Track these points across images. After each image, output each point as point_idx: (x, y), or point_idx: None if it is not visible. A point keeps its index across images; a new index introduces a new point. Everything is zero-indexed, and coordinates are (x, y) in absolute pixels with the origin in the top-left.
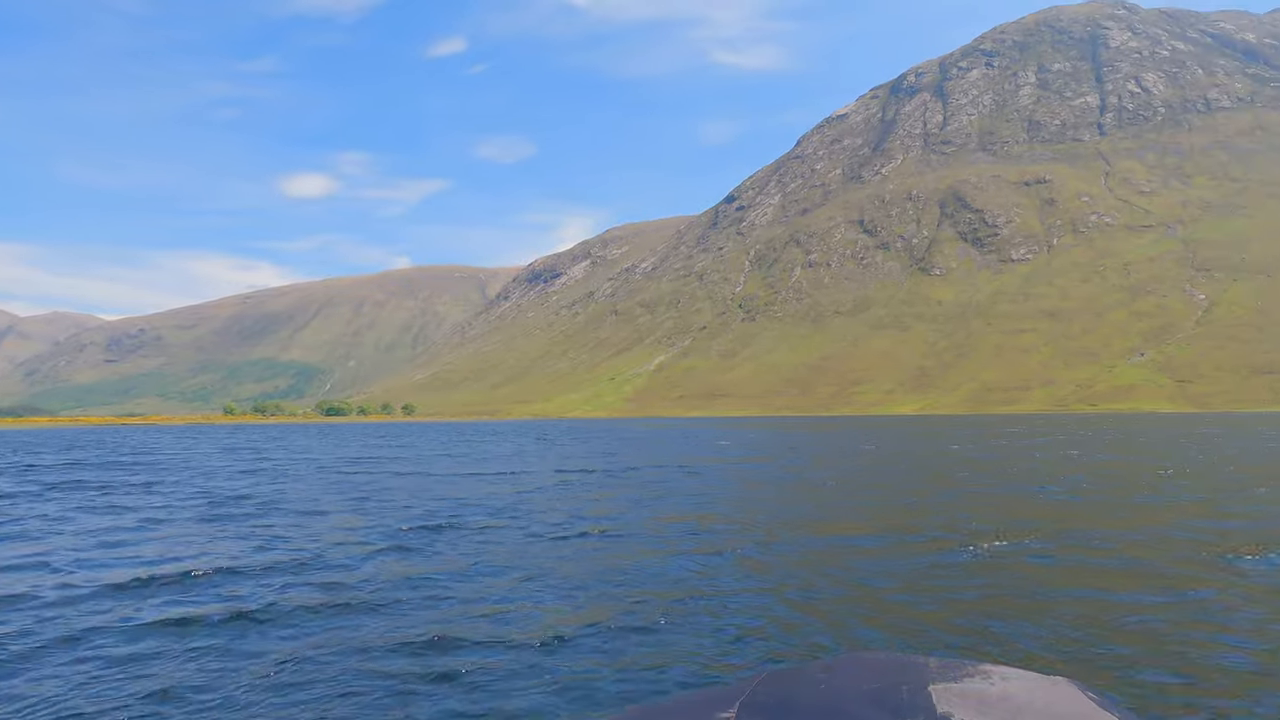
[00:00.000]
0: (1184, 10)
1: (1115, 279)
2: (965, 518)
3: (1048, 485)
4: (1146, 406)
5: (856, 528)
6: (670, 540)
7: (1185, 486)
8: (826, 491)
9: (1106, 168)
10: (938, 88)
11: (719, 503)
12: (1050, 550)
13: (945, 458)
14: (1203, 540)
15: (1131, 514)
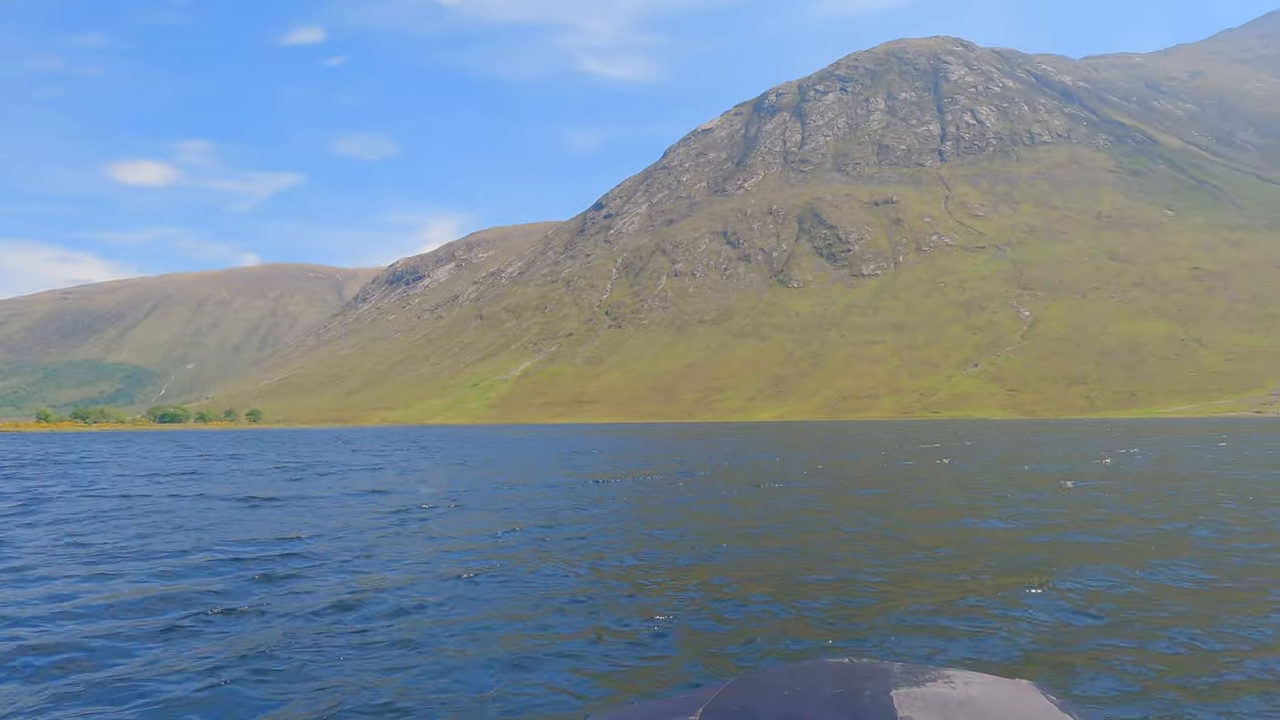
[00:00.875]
0: (1013, 51)
1: (953, 295)
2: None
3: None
4: (980, 413)
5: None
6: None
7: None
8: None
9: (946, 192)
10: (797, 108)
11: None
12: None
13: (919, 476)
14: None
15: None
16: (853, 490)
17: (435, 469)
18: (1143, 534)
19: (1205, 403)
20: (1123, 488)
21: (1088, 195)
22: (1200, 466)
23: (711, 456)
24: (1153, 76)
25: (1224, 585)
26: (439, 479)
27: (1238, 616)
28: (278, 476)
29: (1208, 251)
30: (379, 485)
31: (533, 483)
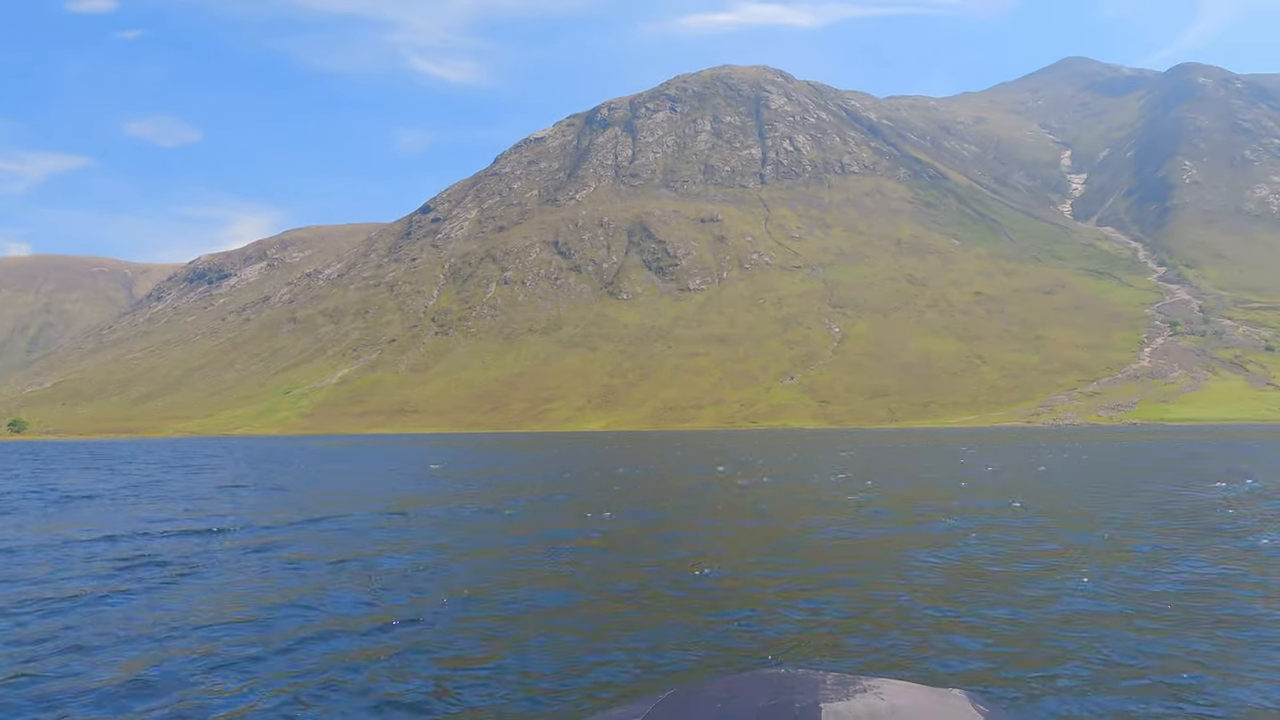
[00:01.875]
0: (825, 85)
1: (772, 311)
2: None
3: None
4: (795, 423)
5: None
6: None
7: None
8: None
9: (766, 213)
10: (628, 124)
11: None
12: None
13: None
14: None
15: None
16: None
17: (173, 497)
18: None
19: (986, 413)
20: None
21: (890, 223)
22: (1102, 473)
23: (544, 475)
24: (944, 119)
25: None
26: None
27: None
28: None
29: (987, 278)
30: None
31: (321, 514)
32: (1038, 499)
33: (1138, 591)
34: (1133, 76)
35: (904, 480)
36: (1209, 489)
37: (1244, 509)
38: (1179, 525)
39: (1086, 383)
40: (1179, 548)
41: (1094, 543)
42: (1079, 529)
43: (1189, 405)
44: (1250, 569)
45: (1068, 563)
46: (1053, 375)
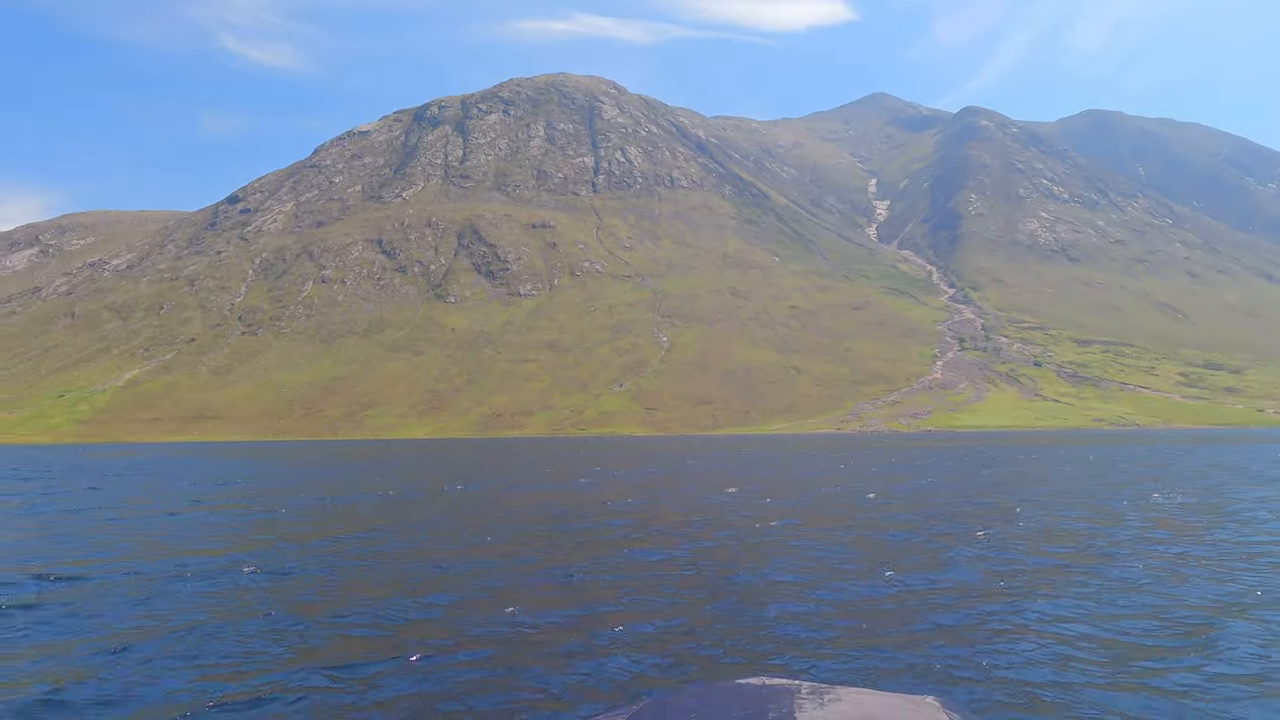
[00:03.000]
0: (657, 100)
1: (602, 319)
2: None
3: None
4: (623, 430)
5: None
6: None
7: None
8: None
9: (598, 222)
10: (459, 124)
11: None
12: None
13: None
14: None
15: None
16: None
17: None
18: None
19: (801, 420)
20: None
21: (716, 237)
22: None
23: (347, 498)
24: (766, 142)
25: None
26: None
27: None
28: None
29: (803, 294)
30: None
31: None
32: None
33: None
34: (929, 115)
35: (806, 495)
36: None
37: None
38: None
39: (889, 392)
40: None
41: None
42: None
43: (974, 413)
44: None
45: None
46: (860, 385)
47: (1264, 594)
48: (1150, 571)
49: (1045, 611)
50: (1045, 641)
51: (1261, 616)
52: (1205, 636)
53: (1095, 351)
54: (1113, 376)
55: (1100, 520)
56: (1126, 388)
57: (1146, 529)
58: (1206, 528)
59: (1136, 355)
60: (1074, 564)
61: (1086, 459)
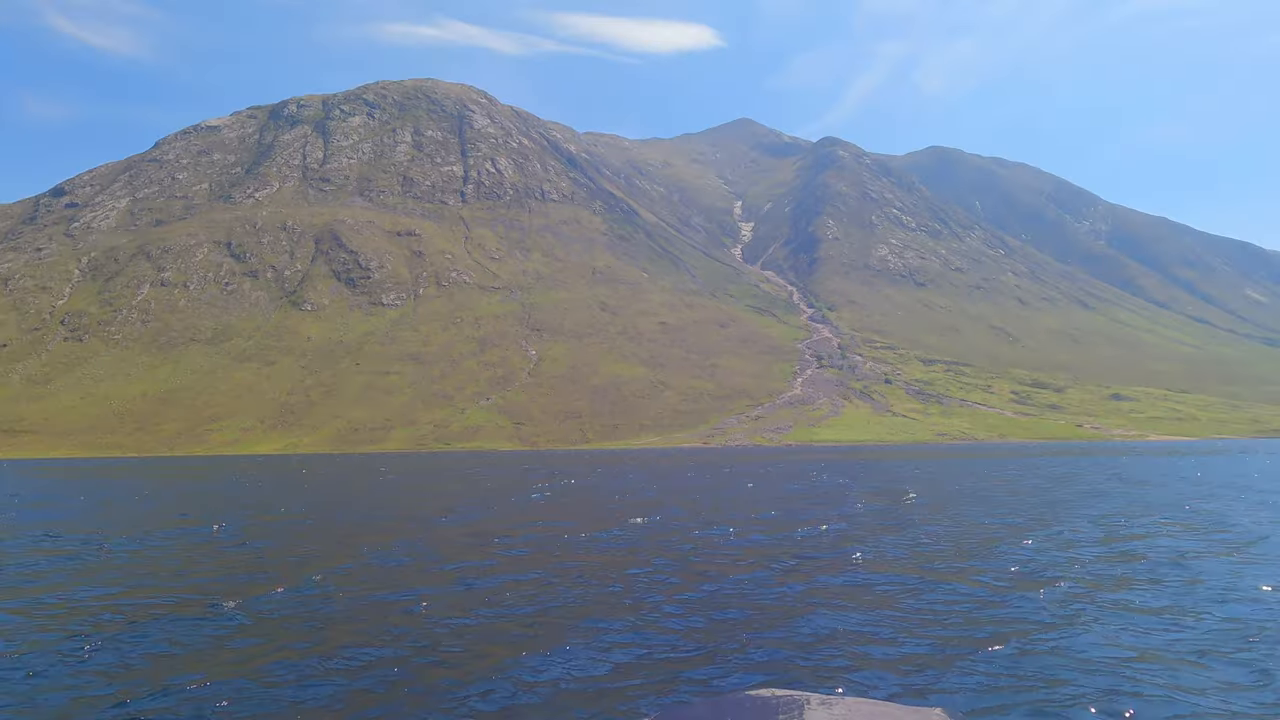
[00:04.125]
0: (529, 113)
1: (469, 331)
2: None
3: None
4: (490, 445)
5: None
6: None
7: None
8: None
9: (466, 232)
10: (320, 124)
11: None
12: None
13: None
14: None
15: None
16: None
17: None
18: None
19: (668, 435)
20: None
21: (586, 252)
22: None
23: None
24: (636, 160)
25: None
26: None
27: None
28: None
29: (671, 310)
30: None
31: None
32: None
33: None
34: (790, 143)
35: (749, 516)
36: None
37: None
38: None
39: (752, 408)
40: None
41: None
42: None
43: (831, 428)
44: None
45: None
46: (725, 400)
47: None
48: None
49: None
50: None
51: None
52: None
53: (939, 370)
54: (954, 394)
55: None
56: (966, 404)
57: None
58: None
59: (974, 374)
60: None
61: (946, 470)
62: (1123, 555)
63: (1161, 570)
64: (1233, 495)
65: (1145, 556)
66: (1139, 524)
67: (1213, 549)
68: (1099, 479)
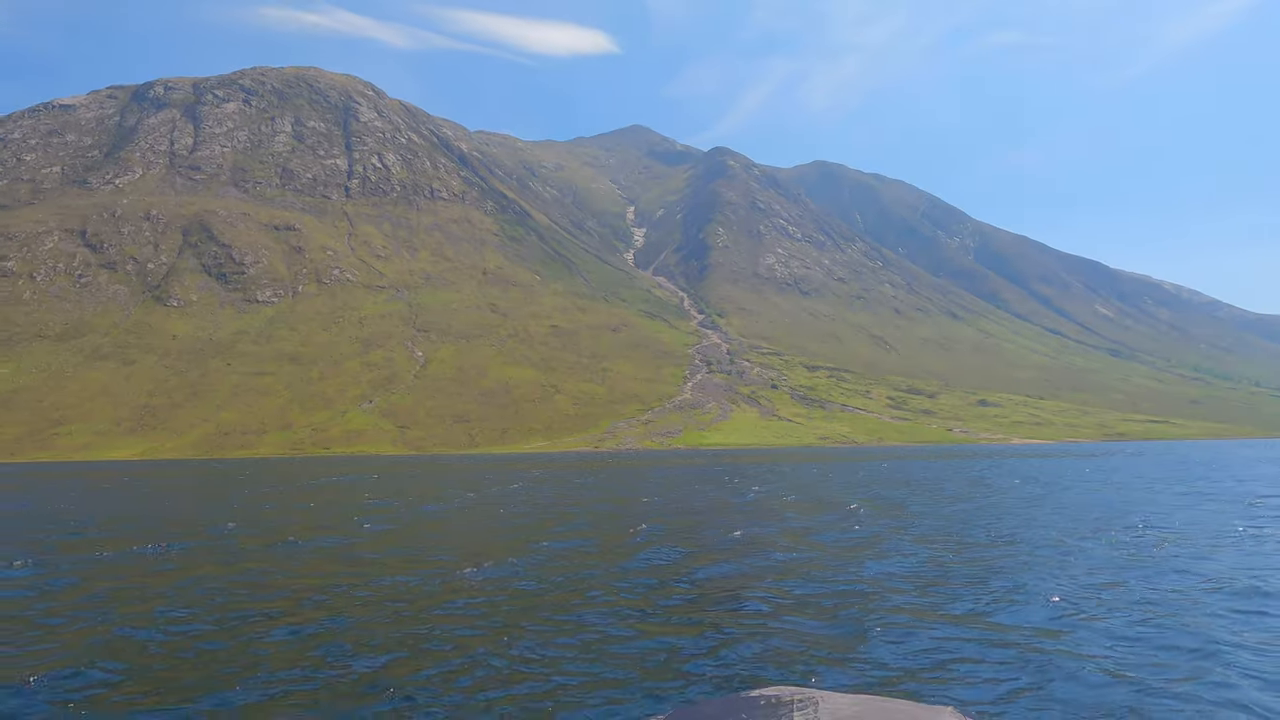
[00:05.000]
0: (418, 108)
1: (352, 331)
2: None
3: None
4: (372, 449)
5: None
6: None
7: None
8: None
9: (350, 228)
10: (190, 109)
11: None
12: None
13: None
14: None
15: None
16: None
17: None
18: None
19: (558, 439)
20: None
21: (476, 252)
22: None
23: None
24: (530, 161)
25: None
26: None
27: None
28: None
29: (563, 313)
30: None
31: None
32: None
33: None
34: (683, 151)
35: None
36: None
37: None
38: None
39: (643, 412)
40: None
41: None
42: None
43: (720, 432)
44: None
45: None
46: (616, 404)
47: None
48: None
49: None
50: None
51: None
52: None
53: (822, 376)
54: (836, 399)
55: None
56: (847, 409)
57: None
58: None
59: (855, 380)
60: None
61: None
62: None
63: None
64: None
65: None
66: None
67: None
68: (1037, 489)
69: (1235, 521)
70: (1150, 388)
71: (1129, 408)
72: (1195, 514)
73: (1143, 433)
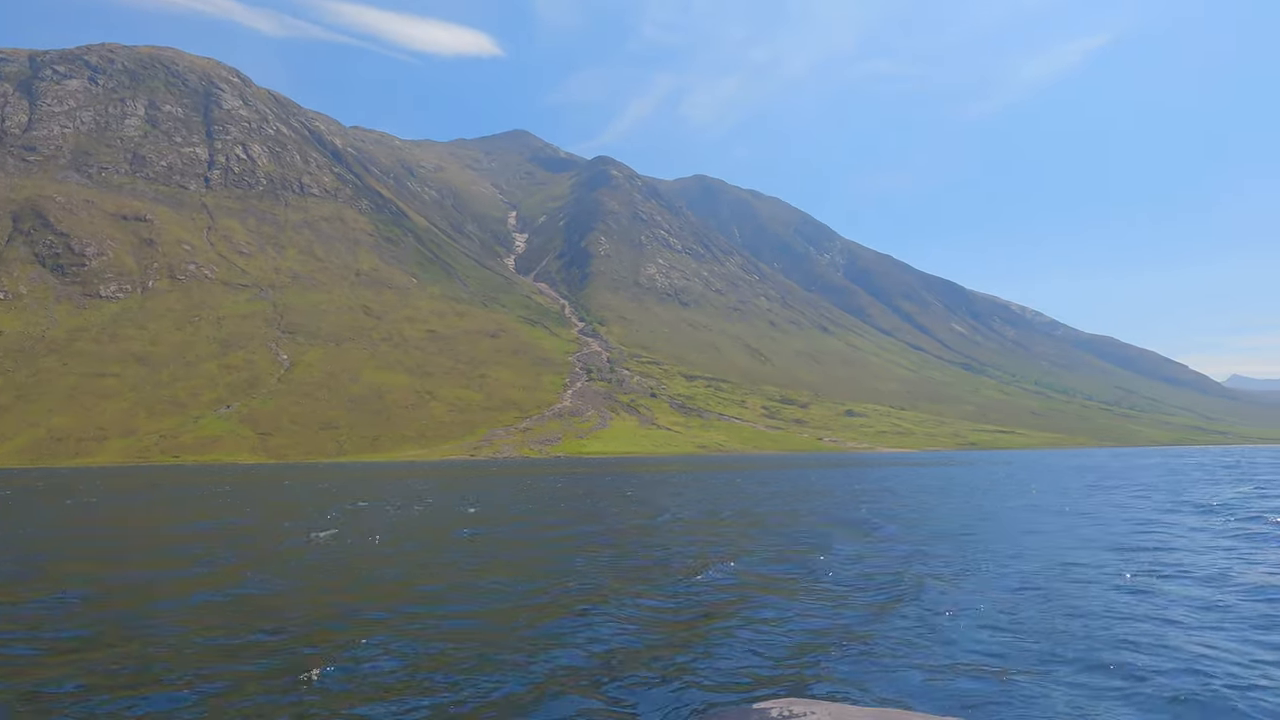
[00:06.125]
0: (289, 100)
1: (209, 331)
2: None
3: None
4: (229, 458)
5: None
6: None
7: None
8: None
9: (210, 222)
10: (25, 84)
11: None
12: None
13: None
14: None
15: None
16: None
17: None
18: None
19: (433, 447)
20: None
21: (349, 252)
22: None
23: None
24: (408, 161)
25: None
26: None
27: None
28: None
29: (440, 318)
30: None
31: None
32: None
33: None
34: (566, 159)
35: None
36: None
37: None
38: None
39: (521, 419)
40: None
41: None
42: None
43: (599, 440)
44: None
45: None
46: (494, 412)
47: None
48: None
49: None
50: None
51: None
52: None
53: (700, 385)
54: (713, 408)
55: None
56: (724, 418)
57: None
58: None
59: (731, 390)
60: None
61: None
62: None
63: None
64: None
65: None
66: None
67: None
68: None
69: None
70: (998, 400)
71: (980, 418)
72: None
73: (992, 442)
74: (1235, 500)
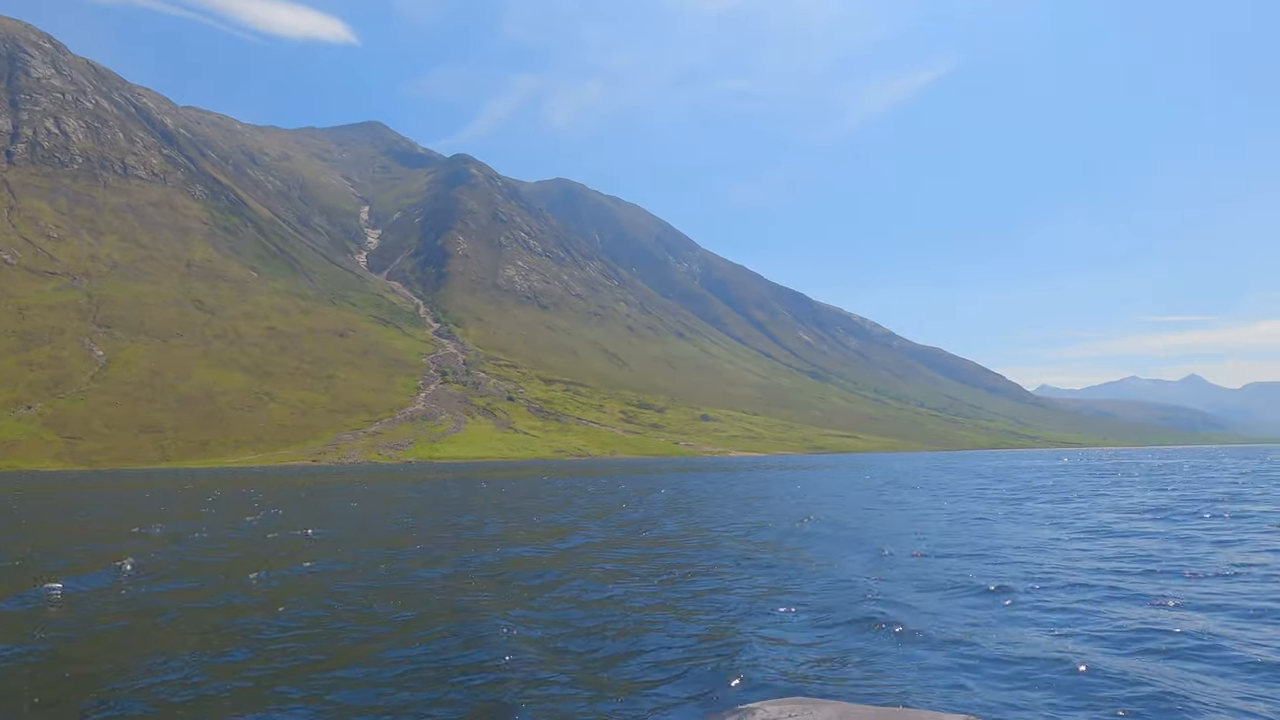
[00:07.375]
0: (111, 72)
1: (8, 323)
2: None
3: None
4: (28, 464)
5: None
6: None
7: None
8: None
9: (12, 201)
10: None
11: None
12: None
13: None
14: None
15: None
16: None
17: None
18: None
19: (272, 451)
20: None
21: (179, 241)
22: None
23: None
24: (249, 147)
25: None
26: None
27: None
28: None
29: (283, 314)
30: None
31: None
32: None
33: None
34: (424, 155)
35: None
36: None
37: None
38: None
39: (370, 423)
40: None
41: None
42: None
43: (453, 444)
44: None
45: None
46: (341, 415)
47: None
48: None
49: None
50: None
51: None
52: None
53: (558, 389)
54: (571, 412)
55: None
56: (582, 422)
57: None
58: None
59: (589, 394)
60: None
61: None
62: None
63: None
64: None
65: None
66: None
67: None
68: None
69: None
70: (841, 406)
71: (825, 423)
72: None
73: (837, 445)
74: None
